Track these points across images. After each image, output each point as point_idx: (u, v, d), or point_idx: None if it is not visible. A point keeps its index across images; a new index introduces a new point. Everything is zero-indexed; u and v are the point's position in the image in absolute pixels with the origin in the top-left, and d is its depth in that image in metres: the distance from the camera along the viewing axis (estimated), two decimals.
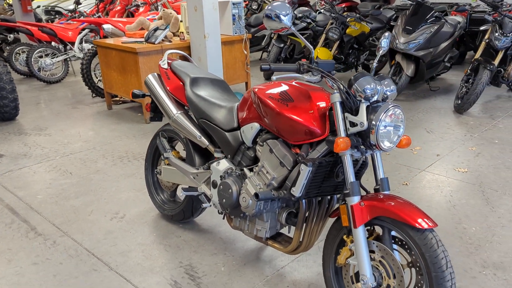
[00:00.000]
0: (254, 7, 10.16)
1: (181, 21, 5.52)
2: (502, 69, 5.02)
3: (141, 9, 10.50)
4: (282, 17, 1.82)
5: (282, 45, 6.95)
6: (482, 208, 2.96)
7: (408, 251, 1.78)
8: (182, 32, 5.40)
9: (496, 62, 4.85)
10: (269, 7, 1.83)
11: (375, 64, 2.07)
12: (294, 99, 1.96)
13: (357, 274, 1.88)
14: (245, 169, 2.19)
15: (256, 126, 2.12)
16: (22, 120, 5.33)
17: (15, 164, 3.98)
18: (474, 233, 2.67)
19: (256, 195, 1.96)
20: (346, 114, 1.81)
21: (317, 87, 2.04)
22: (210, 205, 2.42)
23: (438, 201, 3.06)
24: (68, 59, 7.56)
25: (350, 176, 1.80)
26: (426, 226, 1.64)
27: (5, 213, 3.11)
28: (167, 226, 2.89)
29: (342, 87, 1.80)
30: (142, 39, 5.35)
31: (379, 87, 1.79)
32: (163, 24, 5.46)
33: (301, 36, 1.88)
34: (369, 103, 1.78)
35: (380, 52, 2.07)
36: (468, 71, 4.94)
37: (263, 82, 7.64)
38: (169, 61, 2.79)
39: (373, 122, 1.74)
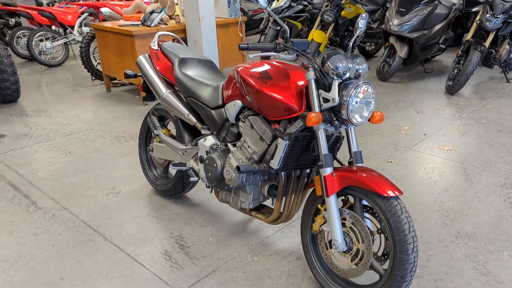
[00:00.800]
0: None
1: (176, 4, 5.59)
2: (493, 50, 5.08)
3: None
4: None
5: (278, 27, 7.01)
6: (462, 183, 3.08)
7: (378, 218, 1.91)
8: (178, 15, 5.49)
9: (487, 43, 4.91)
10: None
11: (351, 43, 2.17)
12: (273, 77, 2.07)
13: (331, 241, 2.01)
14: (229, 144, 2.32)
15: (238, 103, 2.24)
16: (23, 102, 5.47)
17: (16, 144, 4.13)
18: (451, 207, 2.80)
19: (237, 168, 2.09)
20: (320, 91, 1.92)
21: (297, 66, 2.15)
22: (198, 179, 2.56)
23: (420, 177, 3.19)
24: (68, 42, 7.66)
25: (324, 149, 1.92)
26: (391, 194, 1.76)
27: (7, 189, 3.26)
28: (160, 200, 3.03)
29: (316, 65, 1.91)
30: (139, 22, 5.44)
31: (350, 65, 1.90)
32: (159, 7, 5.54)
33: (275, 15, 1.97)
34: (341, 80, 1.89)
35: (358, 32, 2.16)
36: (460, 52, 5.01)
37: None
38: (160, 43, 2.90)
39: (344, 98, 1.85)
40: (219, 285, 2.19)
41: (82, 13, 8.03)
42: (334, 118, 1.95)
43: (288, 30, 2.00)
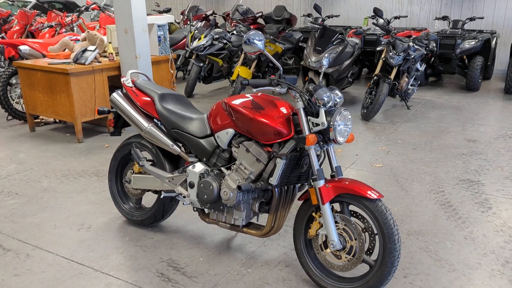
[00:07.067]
0: None
1: (109, 43, 5.68)
2: (396, 83, 5.99)
3: (45, 30, 10.18)
4: (256, 41, 2.28)
5: (201, 64, 7.39)
6: (399, 193, 3.66)
7: (362, 220, 2.31)
8: (112, 53, 5.58)
9: (392, 76, 5.79)
10: (247, 35, 2.29)
11: (320, 79, 2.60)
12: (264, 107, 2.40)
13: (325, 243, 2.36)
14: (222, 168, 2.57)
15: (231, 131, 2.52)
16: None
17: None
18: (397, 211, 3.33)
19: (239, 187, 2.37)
20: (309, 117, 2.30)
21: (277, 97, 2.52)
22: (189, 203, 2.75)
23: None
24: None
25: (316, 165, 2.29)
26: (376, 197, 2.18)
27: None
28: (137, 230, 3.13)
29: (305, 96, 2.29)
30: (68, 60, 5.42)
31: (332, 96, 2.32)
32: (92, 46, 5.58)
33: (270, 56, 2.34)
34: (326, 108, 2.30)
35: (323, 69, 2.61)
36: (371, 84, 5.82)
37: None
38: (132, 80, 3.08)
39: (331, 122, 2.25)
40: None
41: None
42: (321, 139, 2.34)
43: (281, 69, 2.37)
